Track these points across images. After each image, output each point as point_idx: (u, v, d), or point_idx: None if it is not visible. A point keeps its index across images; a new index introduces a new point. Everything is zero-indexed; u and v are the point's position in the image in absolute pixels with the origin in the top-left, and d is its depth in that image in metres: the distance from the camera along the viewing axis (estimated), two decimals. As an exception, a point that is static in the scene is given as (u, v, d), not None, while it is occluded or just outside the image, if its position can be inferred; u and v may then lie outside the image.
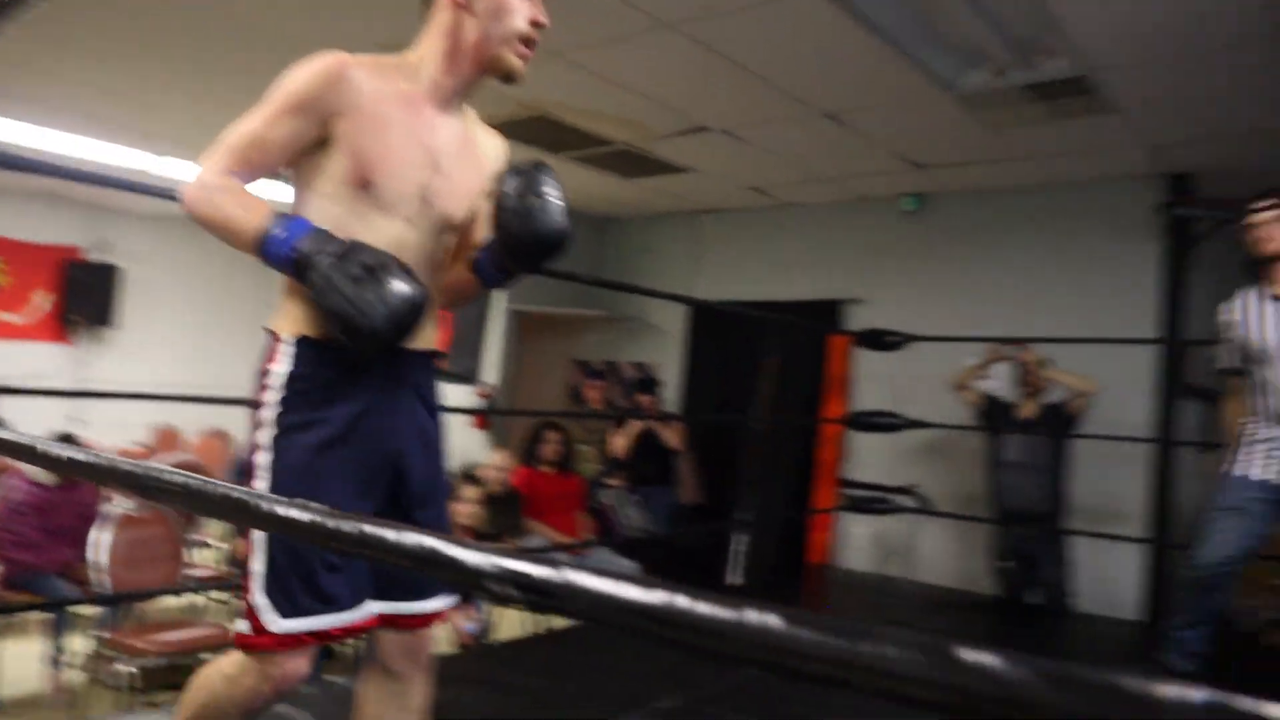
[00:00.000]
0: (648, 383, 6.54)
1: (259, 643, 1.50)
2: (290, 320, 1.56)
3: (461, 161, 1.64)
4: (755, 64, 3.88)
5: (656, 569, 5.44)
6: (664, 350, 6.90)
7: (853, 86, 4.09)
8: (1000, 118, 4.30)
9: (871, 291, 5.95)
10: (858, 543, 5.87)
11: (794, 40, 3.60)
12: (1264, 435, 3.08)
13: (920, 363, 5.36)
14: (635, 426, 5.84)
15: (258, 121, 1.51)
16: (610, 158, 5.48)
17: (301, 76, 1.51)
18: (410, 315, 1.43)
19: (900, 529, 5.49)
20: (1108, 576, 4.94)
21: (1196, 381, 5.39)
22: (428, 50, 1.61)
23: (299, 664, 1.53)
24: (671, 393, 6.77)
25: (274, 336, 1.57)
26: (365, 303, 1.40)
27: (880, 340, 4.71)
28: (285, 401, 1.53)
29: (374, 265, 1.42)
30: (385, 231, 1.53)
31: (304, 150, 1.53)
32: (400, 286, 1.42)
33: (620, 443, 5.87)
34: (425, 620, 1.68)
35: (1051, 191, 5.36)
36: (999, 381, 5.02)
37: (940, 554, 5.53)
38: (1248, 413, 3.16)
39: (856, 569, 5.71)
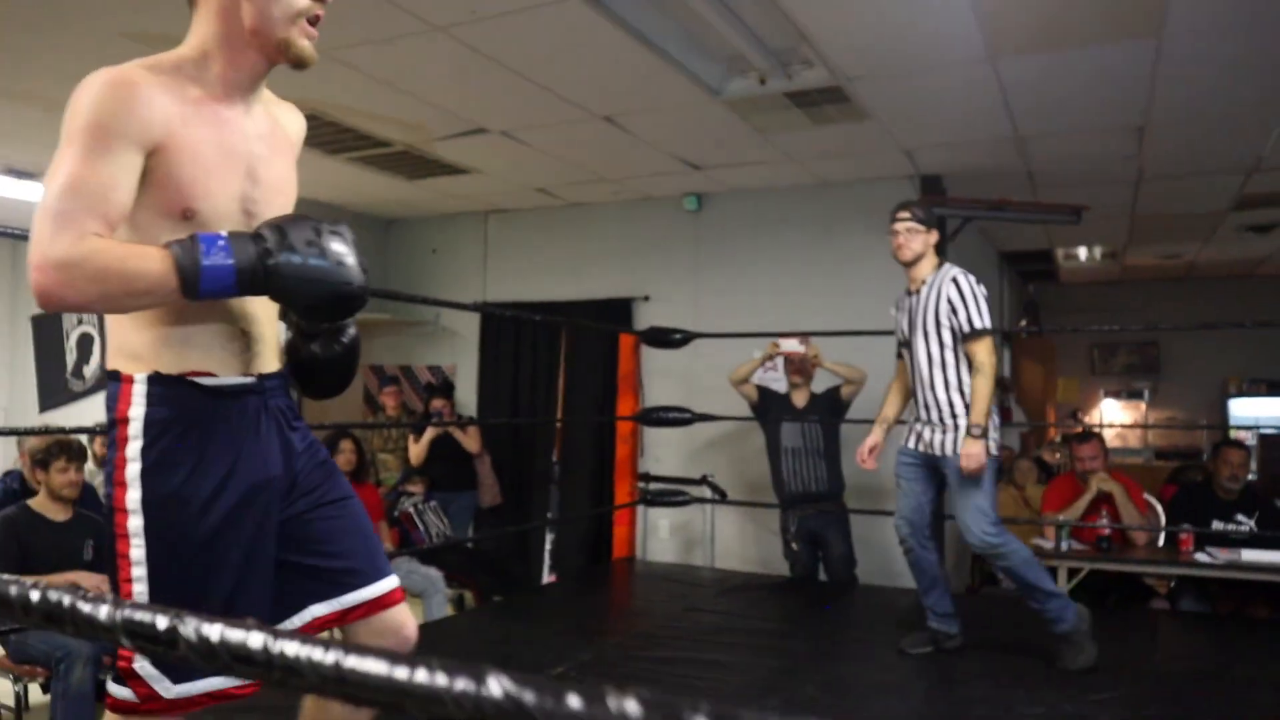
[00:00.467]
0: (443, 387, 6.45)
1: (148, 709, 1.38)
2: (139, 357, 1.39)
3: (273, 158, 1.50)
4: (527, 68, 3.90)
5: (460, 574, 5.39)
6: (460, 352, 6.83)
7: (625, 91, 4.19)
8: (766, 122, 4.52)
9: (660, 289, 6.11)
10: (661, 535, 6.03)
11: (564, 46, 3.65)
12: (910, 412, 3.54)
13: (708, 356, 5.56)
14: (431, 432, 5.75)
15: (82, 168, 1.26)
16: (392, 159, 5.36)
17: (100, 99, 1.29)
18: (357, 286, 1.35)
19: (699, 519, 5.67)
20: (887, 549, 5.29)
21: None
22: (204, 42, 1.42)
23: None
24: (469, 395, 6.71)
25: (122, 378, 1.39)
26: (340, 268, 1.32)
27: (665, 338, 4.85)
28: (148, 452, 1.37)
29: (316, 231, 1.32)
30: None
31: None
32: (342, 233, 1.35)
33: (417, 449, 5.77)
34: (382, 604, 1.58)
35: (820, 191, 5.68)
36: (778, 374, 5.27)
37: (738, 540, 5.76)
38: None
39: (661, 560, 5.85)
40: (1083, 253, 8.10)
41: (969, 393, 3.32)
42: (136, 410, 1.38)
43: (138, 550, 1.36)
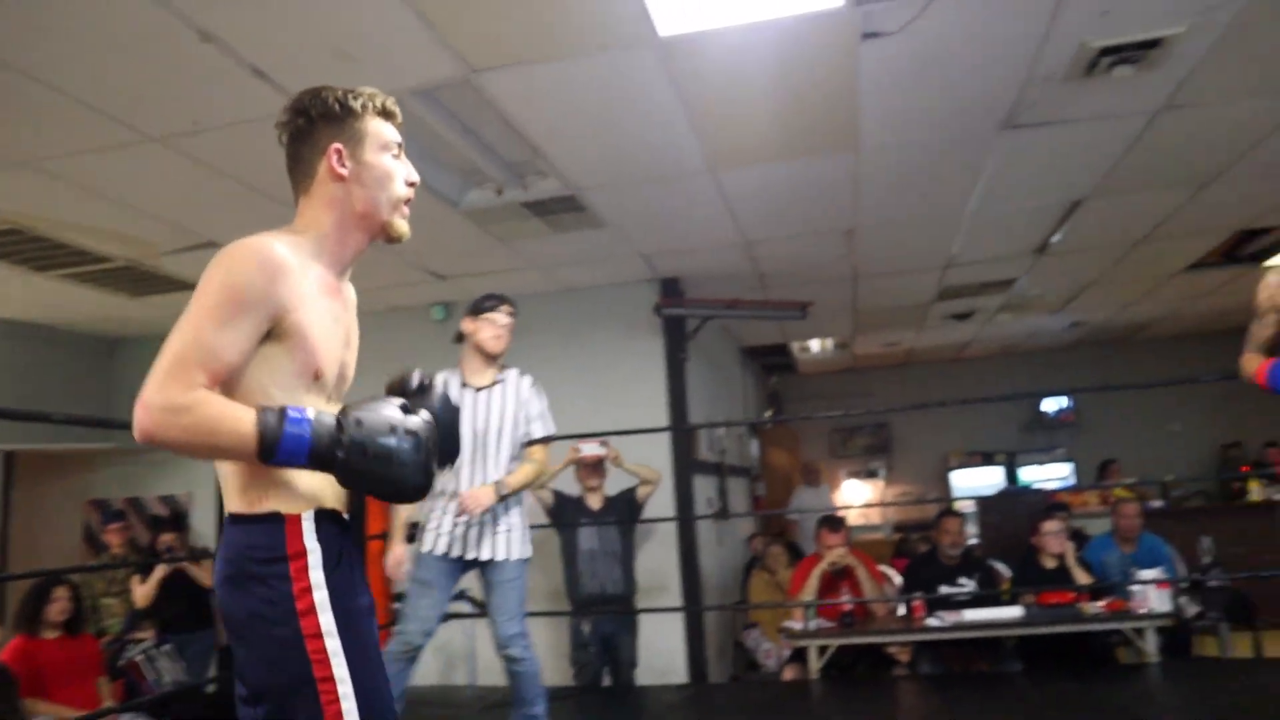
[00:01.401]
0: (173, 518, 5.95)
1: None
2: (297, 497, 1.53)
3: (354, 323, 1.68)
4: (256, 180, 3.79)
5: (199, 722, 4.89)
6: (195, 479, 6.34)
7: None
8: (507, 231, 4.61)
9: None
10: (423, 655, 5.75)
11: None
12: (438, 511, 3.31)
13: (463, 466, 5.47)
14: (160, 570, 5.26)
15: (207, 327, 1.41)
16: (113, 275, 5.00)
17: (244, 271, 1.43)
18: (426, 466, 1.51)
19: (459, 636, 5.48)
20: (665, 648, 5.35)
21: (703, 458, 6.09)
22: (318, 225, 1.60)
23: None
24: (208, 525, 6.22)
25: (286, 517, 1.51)
26: (402, 468, 1.46)
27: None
28: (331, 578, 1.51)
29: (392, 428, 1.47)
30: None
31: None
32: (418, 431, 1.49)
33: (143, 590, 5.24)
34: None
35: (566, 296, 5.83)
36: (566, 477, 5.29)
37: (503, 652, 5.60)
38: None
39: (421, 684, 5.57)
40: (815, 344, 8.75)
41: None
42: (311, 543, 1.51)
43: (340, 669, 1.46)
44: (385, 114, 1.68)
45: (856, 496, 10.33)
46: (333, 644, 1.47)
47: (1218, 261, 6.67)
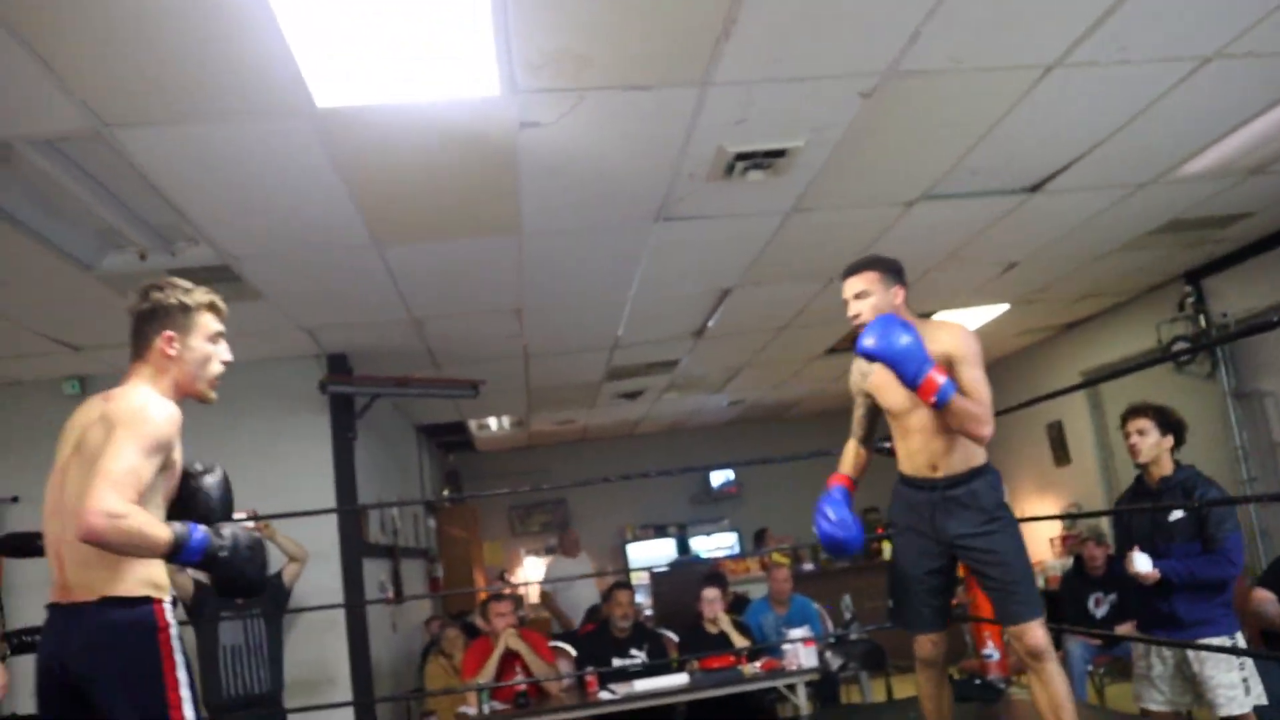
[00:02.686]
0: None
1: None
2: (156, 584, 2.12)
3: None
4: None
5: None
6: None
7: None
8: (152, 301, 4.24)
9: (34, 488, 5.24)
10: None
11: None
12: None
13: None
14: None
15: (137, 459, 2.02)
16: None
17: (163, 421, 2.10)
18: (260, 568, 2.21)
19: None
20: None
21: (375, 540, 5.85)
22: (156, 382, 2.23)
23: None
24: None
25: (150, 601, 2.09)
26: (250, 567, 2.14)
27: (28, 545, 4.15)
28: (182, 653, 2.12)
29: (250, 546, 2.16)
30: None
31: None
32: (255, 545, 2.18)
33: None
34: None
35: (225, 370, 5.42)
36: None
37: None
38: None
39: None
40: (493, 422, 8.78)
41: None
42: (171, 619, 2.11)
43: (190, 712, 2.07)
44: (214, 310, 2.39)
45: (535, 574, 10.37)
46: (186, 694, 2.07)
47: (849, 347, 7.53)
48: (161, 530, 1.99)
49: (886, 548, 8.78)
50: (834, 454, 5.24)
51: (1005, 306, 6.69)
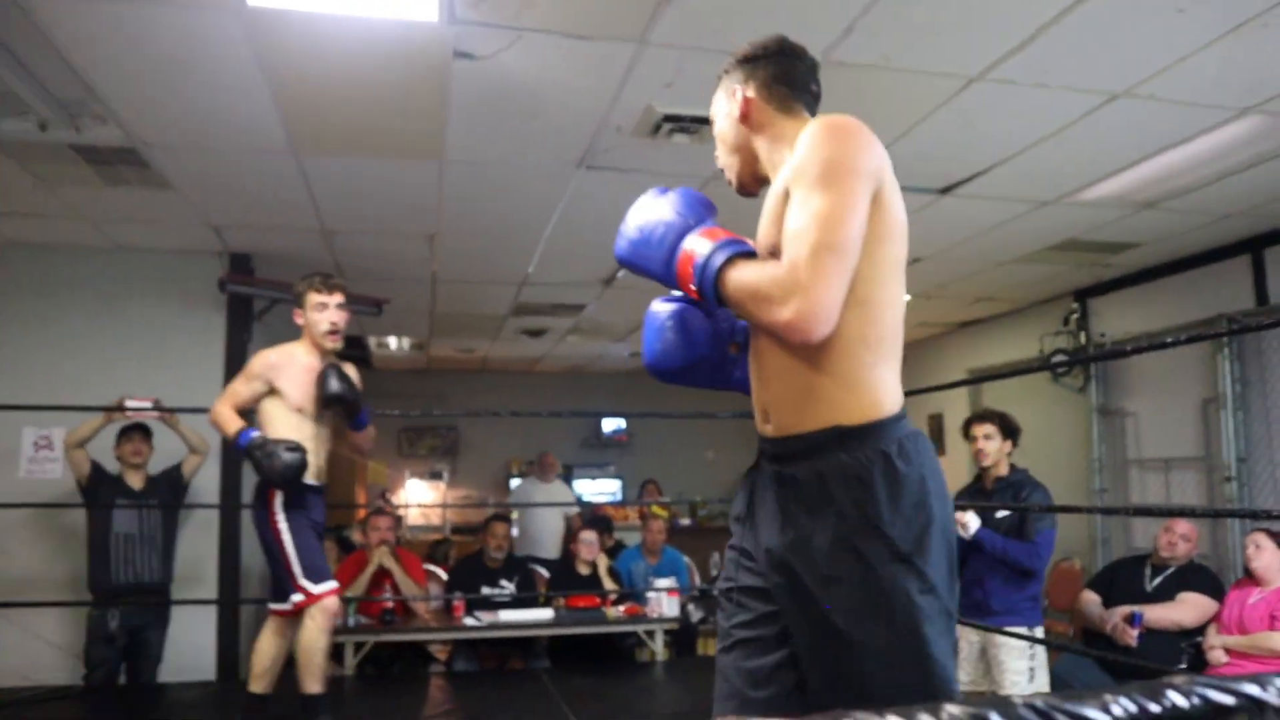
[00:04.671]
0: None
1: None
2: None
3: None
4: None
5: None
6: None
7: None
8: (49, 172, 4.09)
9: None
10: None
11: None
12: None
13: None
14: None
15: (240, 384, 3.42)
16: None
17: (259, 362, 3.43)
18: (291, 470, 3.23)
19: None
20: (194, 642, 4.98)
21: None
22: (304, 337, 3.49)
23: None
24: None
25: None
26: (273, 466, 3.20)
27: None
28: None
29: (276, 453, 3.20)
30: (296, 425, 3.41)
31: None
32: (286, 463, 3.21)
33: None
34: None
35: (117, 255, 5.27)
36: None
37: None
38: None
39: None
40: (393, 342, 8.71)
41: None
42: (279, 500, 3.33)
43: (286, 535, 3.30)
44: (319, 288, 3.41)
45: (418, 497, 10.40)
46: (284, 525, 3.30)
47: (752, 314, 7.70)
48: (231, 426, 3.30)
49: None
50: (720, 417, 5.43)
51: (906, 298, 6.92)
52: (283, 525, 3.27)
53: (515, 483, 10.00)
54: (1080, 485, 6.54)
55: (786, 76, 1.66)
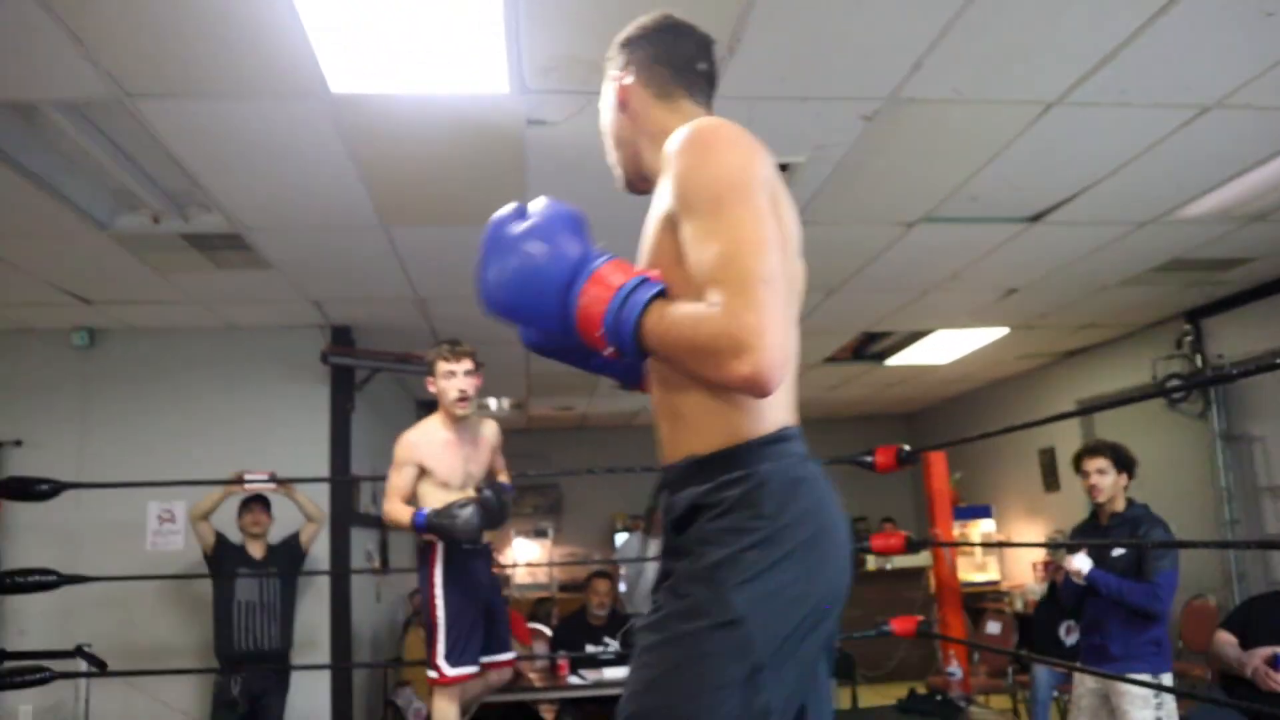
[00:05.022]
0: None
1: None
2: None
3: (476, 450, 3.50)
4: None
5: None
6: None
7: (-9, 215, 3.77)
8: (163, 261, 4.35)
9: (36, 433, 5.39)
10: (23, 721, 5.12)
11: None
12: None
13: (93, 509, 5.02)
14: None
15: (394, 477, 3.35)
16: None
17: (402, 447, 3.38)
18: (469, 530, 3.21)
19: (71, 698, 4.94)
20: (310, 706, 5.12)
21: (365, 510, 5.96)
22: (440, 410, 3.45)
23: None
24: None
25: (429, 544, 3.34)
26: (457, 528, 3.19)
27: (27, 489, 4.26)
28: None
29: (454, 514, 3.19)
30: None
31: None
32: (465, 518, 3.20)
33: None
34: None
35: (227, 335, 5.55)
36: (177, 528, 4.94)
37: (125, 715, 5.12)
38: None
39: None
40: (492, 403, 8.88)
41: None
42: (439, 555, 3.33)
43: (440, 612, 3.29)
44: (446, 357, 3.39)
45: (524, 555, 10.49)
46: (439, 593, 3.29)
47: (847, 358, 7.61)
48: (404, 515, 3.26)
49: (869, 559, 8.85)
50: (826, 462, 5.32)
51: (1005, 330, 6.74)
52: (439, 599, 3.29)
53: (621, 538, 10.00)
54: (1207, 517, 6.19)
55: (668, 56, 1.46)
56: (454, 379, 3.37)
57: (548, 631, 5.83)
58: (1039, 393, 8.20)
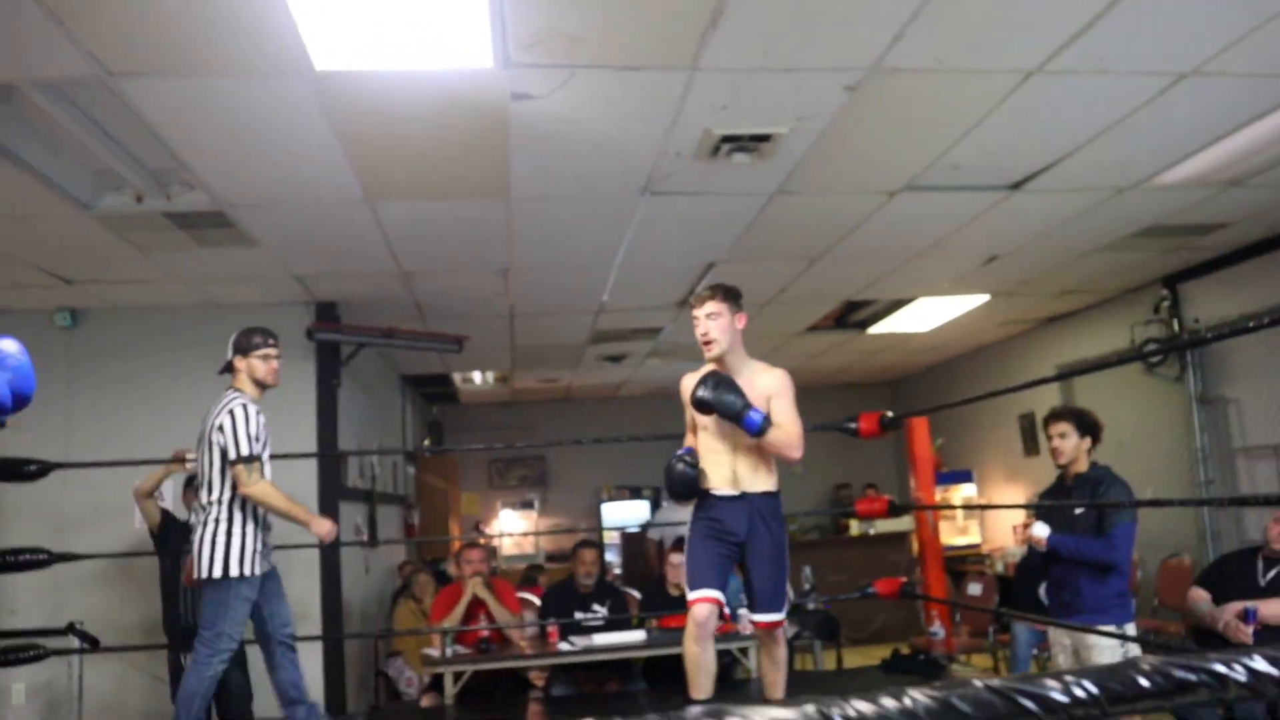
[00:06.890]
0: None
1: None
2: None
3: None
4: None
5: None
6: None
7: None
8: (146, 240, 4.34)
9: (24, 414, 5.35)
10: (15, 701, 5.16)
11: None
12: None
13: (79, 488, 5.02)
14: None
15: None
16: None
17: (683, 392, 3.61)
18: (672, 477, 3.51)
19: (64, 675, 4.97)
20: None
21: (353, 485, 5.99)
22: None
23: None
24: None
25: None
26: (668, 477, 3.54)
27: (15, 470, 4.27)
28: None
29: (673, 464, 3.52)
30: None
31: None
32: (676, 466, 3.50)
33: None
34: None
35: (211, 312, 5.53)
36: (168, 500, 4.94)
37: (115, 693, 5.16)
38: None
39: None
40: (477, 376, 8.90)
41: None
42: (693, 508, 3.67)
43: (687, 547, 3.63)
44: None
45: (511, 527, 10.56)
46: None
47: (830, 326, 7.66)
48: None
49: (852, 524, 8.98)
50: (810, 429, 5.40)
51: (985, 297, 6.81)
52: (688, 535, 3.51)
53: (607, 507, 10.08)
54: (1184, 478, 6.31)
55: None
56: (698, 324, 3.40)
57: (536, 600, 5.90)
58: (1019, 359, 8.29)
